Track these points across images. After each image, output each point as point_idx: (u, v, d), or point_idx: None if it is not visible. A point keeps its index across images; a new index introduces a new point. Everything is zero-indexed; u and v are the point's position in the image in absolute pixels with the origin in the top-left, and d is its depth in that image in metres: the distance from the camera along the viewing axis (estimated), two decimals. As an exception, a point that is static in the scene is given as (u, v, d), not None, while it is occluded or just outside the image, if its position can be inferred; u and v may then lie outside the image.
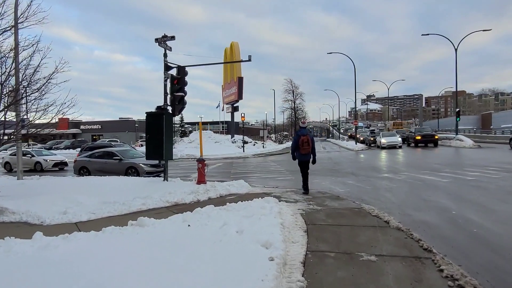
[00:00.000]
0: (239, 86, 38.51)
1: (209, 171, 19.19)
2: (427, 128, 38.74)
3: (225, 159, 31.30)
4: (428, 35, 36.94)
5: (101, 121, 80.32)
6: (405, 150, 29.38)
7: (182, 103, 13.16)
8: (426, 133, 33.33)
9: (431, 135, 33.01)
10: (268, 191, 10.42)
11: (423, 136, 32.57)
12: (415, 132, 34.61)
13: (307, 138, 9.70)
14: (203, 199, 9.66)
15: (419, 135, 32.89)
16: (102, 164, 17.16)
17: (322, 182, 12.83)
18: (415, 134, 33.46)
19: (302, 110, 79.62)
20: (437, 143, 32.55)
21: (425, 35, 36.67)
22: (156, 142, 12.46)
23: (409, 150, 29.76)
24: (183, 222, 6.27)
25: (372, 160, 21.93)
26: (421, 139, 32.32)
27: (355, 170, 16.07)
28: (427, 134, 33.04)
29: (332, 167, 18.02)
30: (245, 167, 20.95)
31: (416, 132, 34.57)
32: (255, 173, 17.34)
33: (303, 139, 9.71)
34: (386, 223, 6.33)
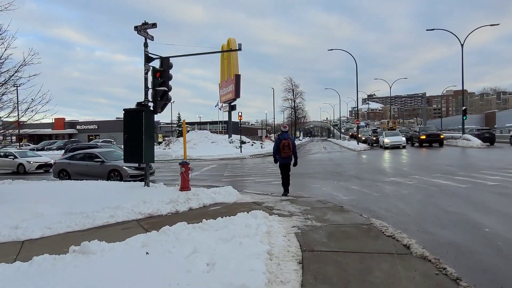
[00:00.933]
0: (236, 84, 37.01)
1: (201, 174, 17.80)
2: (432, 127, 37.29)
3: (221, 160, 29.87)
4: (433, 30, 35.51)
5: (98, 121, 78.92)
6: (409, 150, 27.89)
7: (165, 99, 11.71)
8: (431, 133, 31.91)
9: (436, 135, 31.57)
10: (259, 199, 8.96)
11: (428, 135, 31.15)
12: (419, 131, 33.07)
13: (288, 142, 9.88)
14: (182, 209, 8.21)
15: (424, 134, 31.40)
16: (83, 166, 15.73)
17: (323, 187, 11.37)
18: (420, 134, 31.94)
19: (302, 109, 78.27)
20: (442, 143, 31.12)
21: (430, 30, 35.32)
22: (135, 143, 11.02)
23: (414, 150, 28.27)
24: (142, 248, 4.82)
25: (376, 162, 20.45)
26: (426, 138, 30.88)
27: (359, 173, 14.61)
28: (432, 134, 31.61)
29: (334, 169, 16.56)
30: (240, 169, 19.50)
31: (420, 131, 32.99)
32: (249, 176, 15.89)
33: (284, 142, 9.85)
34: (406, 247, 4.88)
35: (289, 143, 9.91)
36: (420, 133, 31.99)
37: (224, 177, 15.83)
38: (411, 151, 27.04)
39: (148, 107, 11.40)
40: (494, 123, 78.35)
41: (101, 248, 4.81)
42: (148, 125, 11.13)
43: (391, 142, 31.34)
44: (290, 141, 9.97)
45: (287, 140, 9.93)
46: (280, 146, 9.93)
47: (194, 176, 16.41)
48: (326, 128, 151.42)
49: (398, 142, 31.14)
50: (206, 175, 16.91)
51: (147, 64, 11.55)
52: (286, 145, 9.87)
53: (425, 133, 31.50)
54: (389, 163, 18.77)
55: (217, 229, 5.47)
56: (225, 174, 17.11)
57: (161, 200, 8.77)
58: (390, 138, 31.95)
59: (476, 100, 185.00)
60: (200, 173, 18.05)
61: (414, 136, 33.55)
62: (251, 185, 13.08)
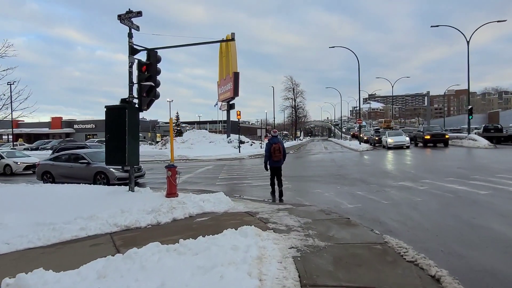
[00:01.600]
0: (234, 82, 35.90)
1: (195, 176, 16.74)
2: (436, 127, 35.79)
3: (219, 160, 28.82)
4: (438, 26, 34.34)
5: (96, 120, 77.83)
6: (414, 151, 26.80)
7: (152, 95, 10.64)
8: (436, 132, 30.68)
9: (441, 135, 30.29)
10: (254, 208, 7.88)
11: (433, 135, 30.03)
12: (423, 131, 31.87)
13: (278, 146, 10.21)
14: (165, 221, 7.14)
15: (429, 134, 30.21)
16: (68, 168, 14.68)
17: (325, 193, 10.29)
18: (424, 133, 30.74)
19: (302, 109, 77.23)
20: (447, 143, 29.89)
21: (434, 27, 34.14)
22: (118, 144, 9.96)
23: (418, 150, 27.16)
24: (96, 280, 3.76)
25: (381, 163, 19.37)
26: (430, 138, 29.72)
27: (364, 176, 13.53)
28: (437, 134, 30.42)
29: (337, 172, 15.48)
30: (237, 171, 18.43)
31: (425, 131, 31.70)
32: (246, 178, 14.81)
33: (274, 147, 10.17)
34: (435, 280, 3.81)
35: (279, 147, 10.24)
36: (424, 133, 30.83)
37: (218, 179, 14.76)
38: (415, 152, 25.94)
39: (133, 104, 10.33)
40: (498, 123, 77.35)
41: (44, 281, 3.74)
42: (132, 124, 10.07)
43: (394, 142, 30.19)
44: (280, 145, 10.29)
45: (277, 144, 10.25)
46: (272, 150, 10.21)
47: (187, 179, 15.39)
48: (327, 127, 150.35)
49: (402, 142, 30.02)
50: (200, 178, 15.85)
51: (132, 57, 10.48)
52: (277, 149, 10.20)
53: (430, 133, 30.38)
54: (394, 165, 17.69)
55: (196, 252, 4.40)
56: (220, 176, 16.04)
57: (142, 208, 7.70)
58: (393, 138, 30.82)
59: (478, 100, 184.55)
60: (194, 175, 16.99)
61: (418, 136, 32.33)
62: (247, 190, 12.01)
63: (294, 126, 78.69)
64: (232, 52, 36.50)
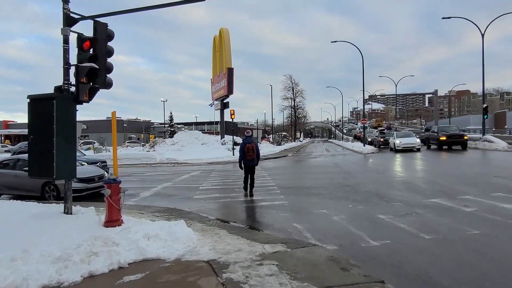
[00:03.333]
0: (229, 79, 33.03)
1: (173, 185, 13.90)
2: (452, 126, 31.90)
3: (210, 164, 26.00)
4: (450, 18, 31.57)
5: (88, 120, 75.01)
6: (428, 154, 23.93)
7: (99, 82, 7.82)
8: (453, 133, 27.03)
9: (459, 136, 26.71)
10: (224, 253, 4.93)
11: (450, 136, 26.37)
12: (438, 131, 28.03)
13: (252, 145, 10.61)
14: (72, 279, 4.27)
15: (444, 135, 26.48)
16: (11, 177, 11.81)
17: (333, 216, 7.43)
18: (439, 134, 27.02)
19: (302, 109, 74.29)
20: (466, 145, 26.30)
21: (446, 18, 31.33)
22: (43, 148, 7.11)
23: (433, 154, 24.28)
24: None
25: (395, 169, 16.51)
26: (446, 140, 26.22)
27: (380, 188, 10.68)
28: (454, 134, 26.79)
29: (344, 181, 12.63)
30: (225, 178, 15.56)
31: (439, 131, 27.84)
32: (233, 190, 11.92)
33: (248, 146, 10.55)
34: None
35: (253, 147, 10.66)
36: (439, 134, 27.12)
37: (199, 191, 11.87)
38: (430, 155, 23.09)
39: (66, 94, 7.47)
40: (505, 124, 74.46)
41: None
42: (64, 120, 7.21)
43: (403, 145, 27.01)
44: (254, 145, 10.74)
45: (251, 144, 10.68)
46: (245, 150, 10.60)
47: (161, 190, 12.52)
48: (327, 129, 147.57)
49: (412, 144, 26.79)
50: (177, 188, 12.97)
51: (67, 28, 7.62)
52: (251, 149, 10.61)
53: (446, 134, 26.61)
54: (413, 172, 14.84)
55: None
56: (202, 186, 13.15)
57: (48, 252, 4.84)
58: (402, 140, 27.65)
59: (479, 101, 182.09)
60: (173, 184, 14.14)
61: (432, 137, 28.85)
62: (230, 208, 9.17)
63: (294, 127, 75.83)
64: (226, 46, 33.65)
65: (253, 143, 10.79)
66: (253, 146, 10.65)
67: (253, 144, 10.72)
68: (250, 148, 10.58)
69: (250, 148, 10.58)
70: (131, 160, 30.76)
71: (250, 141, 10.83)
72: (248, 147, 10.57)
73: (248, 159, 10.66)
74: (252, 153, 10.61)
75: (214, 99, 38.18)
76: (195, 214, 8.11)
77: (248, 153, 10.57)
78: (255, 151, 10.65)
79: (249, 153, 10.58)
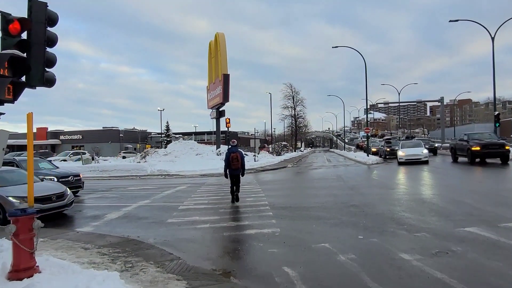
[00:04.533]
0: (224, 85, 31.23)
1: (150, 204, 11.92)
2: (485, 133, 23.77)
3: (202, 176, 24.11)
4: (457, 21, 29.91)
5: (83, 130, 73.42)
6: (440, 165, 21.93)
7: (31, 76, 5.99)
8: (490, 142, 20.42)
9: (498, 145, 20.02)
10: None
11: (485, 146, 20.01)
12: (468, 139, 21.47)
13: (236, 155, 10.83)
14: None
15: (478, 144, 20.12)
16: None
17: (338, 255, 5.45)
18: (470, 144, 20.66)
19: (303, 118, 72.43)
20: (508, 158, 19.96)
21: (453, 21, 29.66)
22: None
23: (448, 165, 22.28)
24: None
25: (407, 184, 14.53)
26: (481, 151, 19.90)
27: (396, 210, 8.69)
28: (491, 144, 20.20)
29: (349, 199, 10.65)
30: (213, 194, 13.59)
31: (470, 140, 21.23)
32: (217, 212, 9.94)
33: (233, 156, 10.80)
34: None
35: (237, 156, 10.83)
36: (470, 143, 20.80)
37: (175, 213, 9.88)
38: (442, 166, 21.08)
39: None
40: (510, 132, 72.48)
41: None
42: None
43: (406, 156, 23.58)
44: (238, 154, 10.89)
45: (235, 154, 10.84)
46: (230, 159, 10.79)
47: (132, 210, 10.47)
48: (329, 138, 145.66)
49: (417, 156, 23.13)
50: (152, 208, 11.01)
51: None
52: (235, 158, 10.78)
53: (480, 143, 20.22)
54: (430, 188, 12.87)
55: None
56: (183, 205, 11.15)
57: None
58: (406, 151, 24.32)
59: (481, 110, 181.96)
60: (151, 201, 12.20)
61: (460, 147, 22.38)
62: (205, 240, 7.18)
63: (295, 137, 73.93)
64: (221, 51, 31.95)
65: (238, 152, 10.96)
66: (237, 155, 10.83)
67: (238, 154, 10.89)
68: (234, 157, 10.79)
69: (235, 157, 10.80)
70: (120, 172, 28.84)
71: (235, 150, 11.00)
72: (233, 156, 10.80)
73: (232, 168, 10.86)
74: (237, 162, 10.80)
75: (209, 107, 36.37)
76: (157, 250, 6.17)
77: (232, 162, 10.79)
78: (239, 160, 10.84)
79: (233, 162, 10.78)
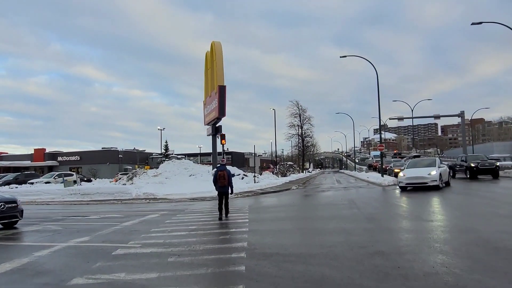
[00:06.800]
0: (220, 98, 28.02)
1: (91, 240, 8.40)
2: None
3: (191, 200, 20.71)
4: (481, 23, 26.57)
5: (81, 151, 70.78)
6: (476, 185, 18.07)
7: None
8: None
9: None
10: None
11: None
12: None
13: (223, 173, 11.34)
14: None
15: None
16: None
17: None
18: None
19: (311, 137, 68.80)
20: None
21: (476, 24, 26.40)
22: None
23: (486, 187, 18.40)
24: None
25: (445, 212, 10.81)
26: None
27: (460, 267, 5.08)
28: None
29: (370, 241, 7.01)
30: (180, 228, 10.02)
31: None
32: (161, 264, 6.43)
33: (220, 174, 11.35)
34: None
35: (224, 174, 11.35)
36: None
37: (99, 263, 6.33)
38: (478, 185, 17.25)
39: None
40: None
41: None
42: None
43: (407, 179, 17.83)
44: (226, 172, 11.41)
45: (223, 172, 11.40)
46: (217, 176, 11.36)
47: (37, 260, 6.47)
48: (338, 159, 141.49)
49: (421, 179, 17.35)
50: (79, 252, 7.47)
51: None
52: (222, 176, 11.31)
53: None
54: (480, 217, 9.17)
55: None
56: (124, 247, 7.62)
57: None
58: (409, 172, 18.63)
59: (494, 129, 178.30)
60: (90, 239, 8.68)
61: None
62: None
63: (302, 157, 70.14)
64: (217, 61, 28.94)
65: (226, 171, 11.42)
66: (224, 173, 11.31)
67: (225, 172, 11.37)
68: (221, 175, 11.28)
69: (222, 175, 11.28)
70: (102, 196, 25.42)
71: (223, 169, 11.50)
72: (220, 174, 11.31)
73: (219, 185, 11.36)
74: (223, 180, 11.26)
75: (206, 123, 33.13)
76: None
77: (219, 179, 11.29)
78: (226, 178, 11.28)
79: (220, 180, 11.28)
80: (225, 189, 11.35)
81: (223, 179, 11.20)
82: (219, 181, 11.26)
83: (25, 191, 28.06)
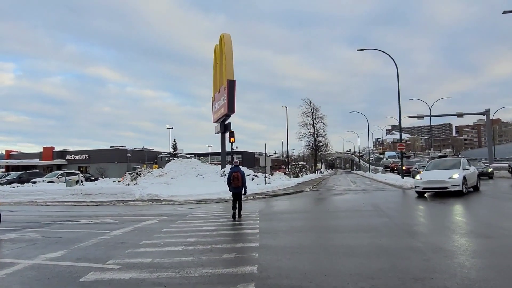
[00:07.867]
0: (229, 93, 26.30)
1: (64, 257, 6.61)
2: None
3: (197, 202, 19.19)
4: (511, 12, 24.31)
5: (89, 150, 69.89)
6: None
7: None
8: None
9: None
10: None
11: None
12: None
13: (237, 174, 11.44)
14: None
15: None
16: None
17: None
18: None
19: (323, 136, 66.66)
20: None
21: (507, 13, 24.25)
22: None
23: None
24: None
25: (504, 221, 8.89)
26: None
27: None
28: None
29: (423, 270, 5.16)
30: (178, 240, 8.32)
31: None
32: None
33: (234, 175, 11.45)
34: None
35: (238, 175, 11.41)
36: None
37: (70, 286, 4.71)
38: None
39: None
40: (552, 152, 64.68)
41: None
42: None
43: (424, 184, 15.39)
44: (239, 174, 11.46)
45: (237, 173, 11.44)
46: (231, 178, 11.47)
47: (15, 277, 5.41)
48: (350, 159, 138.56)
49: (441, 184, 14.81)
50: (34, 278, 5.82)
51: None
52: (236, 177, 11.40)
53: None
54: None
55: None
56: (98, 269, 5.96)
57: None
58: (426, 175, 15.98)
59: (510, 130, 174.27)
60: (64, 253, 7.00)
61: None
62: None
63: (314, 157, 68.11)
64: (226, 54, 27.23)
65: (240, 172, 11.55)
66: (238, 174, 11.45)
67: (239, 173, 11.48)
68: (235, 176, 11.44)
69: (236, 176, 11.44)
70: (104, 196, 23.99)
71: (237, 170, 11.66)
72: (234, 175, 11.46)
73: (233, 186, 11.54)
74: (237, 181, 11.43)
75: (214, 121, 31.47)
76: None
77: (233, 180, 11.45)
78: (240, 179, 11.43)
79: (234, 181, 11.46)
80: (239, 190, 11.53)
81: (237, 180, 11.38)
82: (233, 182, 11.44)
83: (26, 191, 26.91)
